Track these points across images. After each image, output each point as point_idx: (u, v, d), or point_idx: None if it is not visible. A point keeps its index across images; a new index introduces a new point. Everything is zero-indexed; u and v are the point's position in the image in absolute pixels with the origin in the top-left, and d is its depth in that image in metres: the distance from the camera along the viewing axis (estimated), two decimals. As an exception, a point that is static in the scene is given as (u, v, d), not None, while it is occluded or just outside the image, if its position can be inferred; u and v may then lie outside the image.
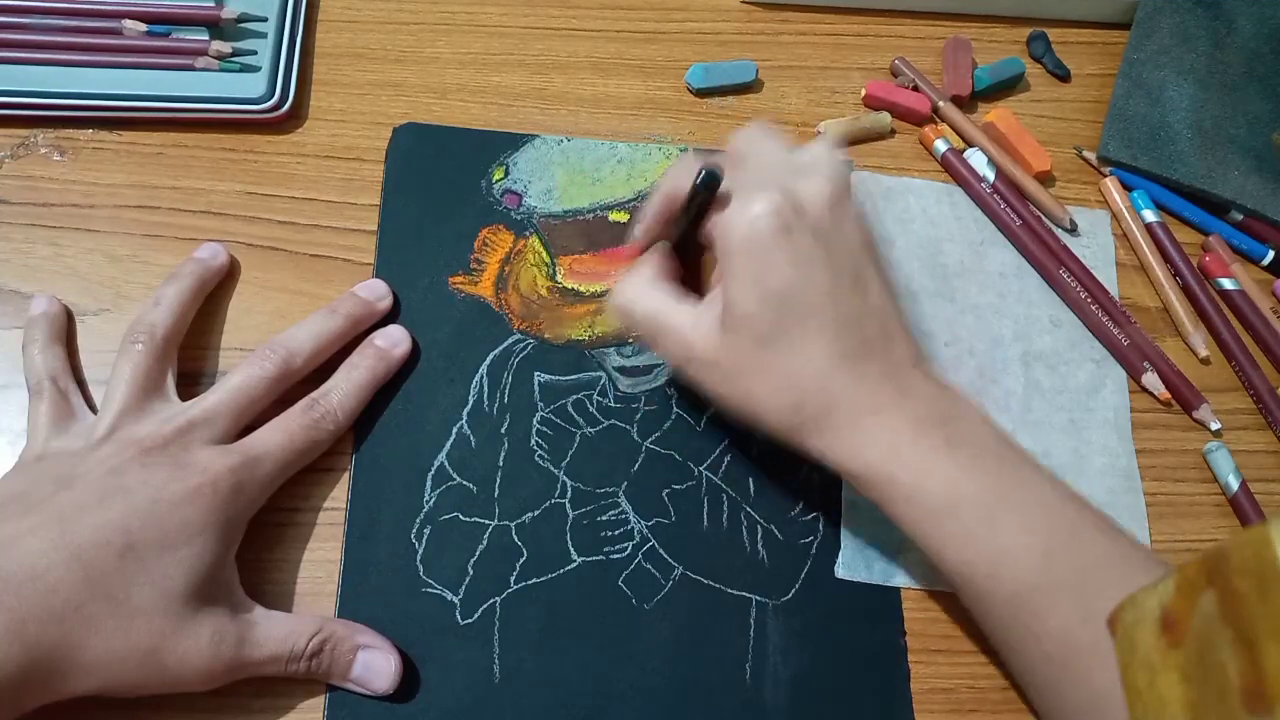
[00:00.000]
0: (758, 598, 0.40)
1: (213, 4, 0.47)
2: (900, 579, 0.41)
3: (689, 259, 0.41)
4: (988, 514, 0.34)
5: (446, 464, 0.41)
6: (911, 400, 0.36)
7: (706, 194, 0.36)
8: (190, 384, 0.41)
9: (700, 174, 0.36)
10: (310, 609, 0.38)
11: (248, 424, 0.38)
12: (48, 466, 0.35)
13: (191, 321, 0.41)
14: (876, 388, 0.35)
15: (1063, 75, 0.55)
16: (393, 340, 0.42)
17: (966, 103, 0.53)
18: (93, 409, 0.39)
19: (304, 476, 0.39)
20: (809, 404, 0.35)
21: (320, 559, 0.39)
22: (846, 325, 0.35)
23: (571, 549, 0.40)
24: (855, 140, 0.51)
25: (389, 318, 0.43)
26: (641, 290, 0.39)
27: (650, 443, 0.42)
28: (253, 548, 0.37)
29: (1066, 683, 0.34)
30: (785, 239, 0.35)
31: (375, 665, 0.36)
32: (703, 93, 0.51)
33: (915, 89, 0.53)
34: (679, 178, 0.38)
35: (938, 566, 0.36)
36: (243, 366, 0.38)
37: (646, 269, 0.40)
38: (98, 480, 0.34)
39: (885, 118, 0.52)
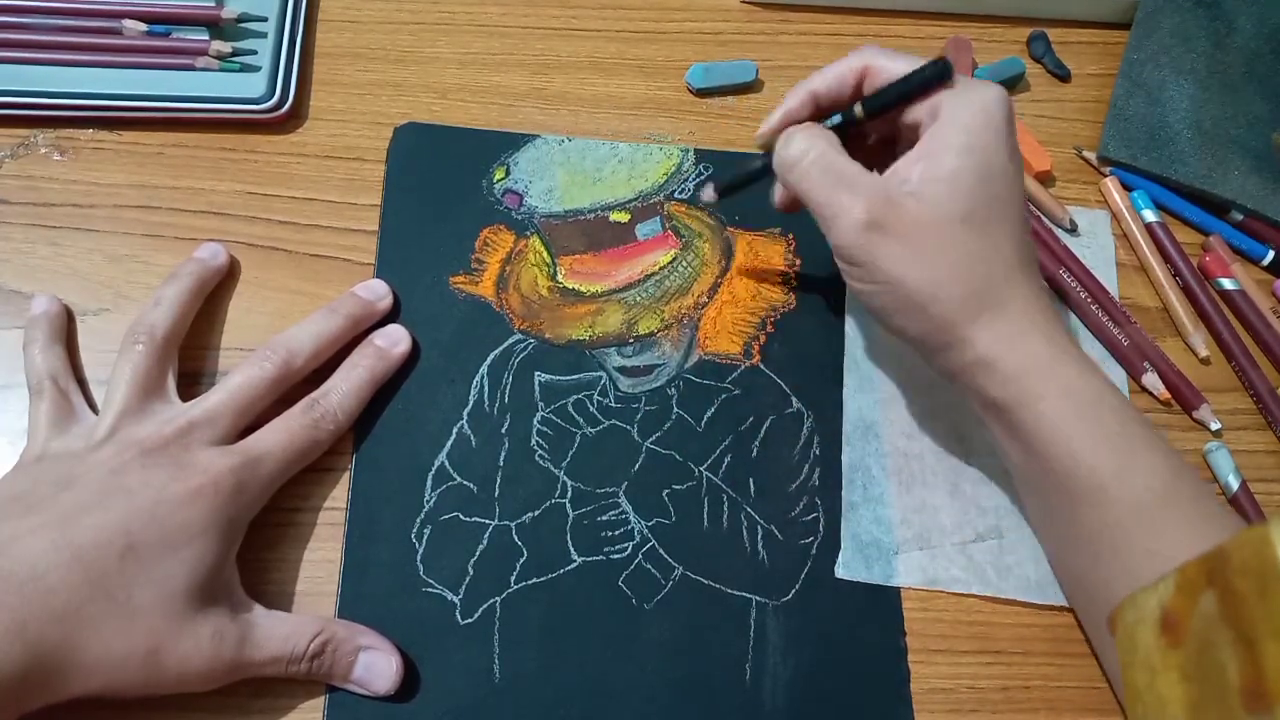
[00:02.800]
0: (758, 598, 0.40)
1: (213, 4, 0.48)
2: (900, 579, 0.41)
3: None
4: (1129, 421, 0.36)
5: (447, 464, 0.41)
6: (1056, 310, 0.38)
7: (930, 84, 0.37)
8: (190, 384, 0.41)
9: (934, 61, 0.37)
10: (310, 609, 0.38)
11: (249, 424, 0.38)
12: (48, 467, 0.35)
13: (191, 322, 0.41)
14: (1041, 292, 0.37)
15: (1063, 75, 0.55)
16: (392, 339, 0.42)
17: (966, 103, 0.53)
18: (93, 409, 0.39)
19: (304, 476, 0.39)
20: (995, 290, 0.36)
21: (320, 558, 0.39)
22: (1027, 228, 0.38)
23: (572, 549, 0.40)
24: (855, 140, 0.51)
25: (389, 317, 0.43)
26: (815, 139, 0.38)
27: (651, 443, 0.42)
28: (253, 547, 0.37)
29: None
30: (1008, 130, 0.37)
31: (376, 666, 0.36)
32: (703, 93, 0.51)
33: (915, 89, 0.53)
34: (852, 64, 0.39)
35: (1062, 473, 0.36)
36: (243, 367, 0.38)
37: (821, 134, 0.38)
38: (99, 481, 0.34)
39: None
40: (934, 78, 0.37)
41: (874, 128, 0.40)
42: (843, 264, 0.38)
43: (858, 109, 0.39)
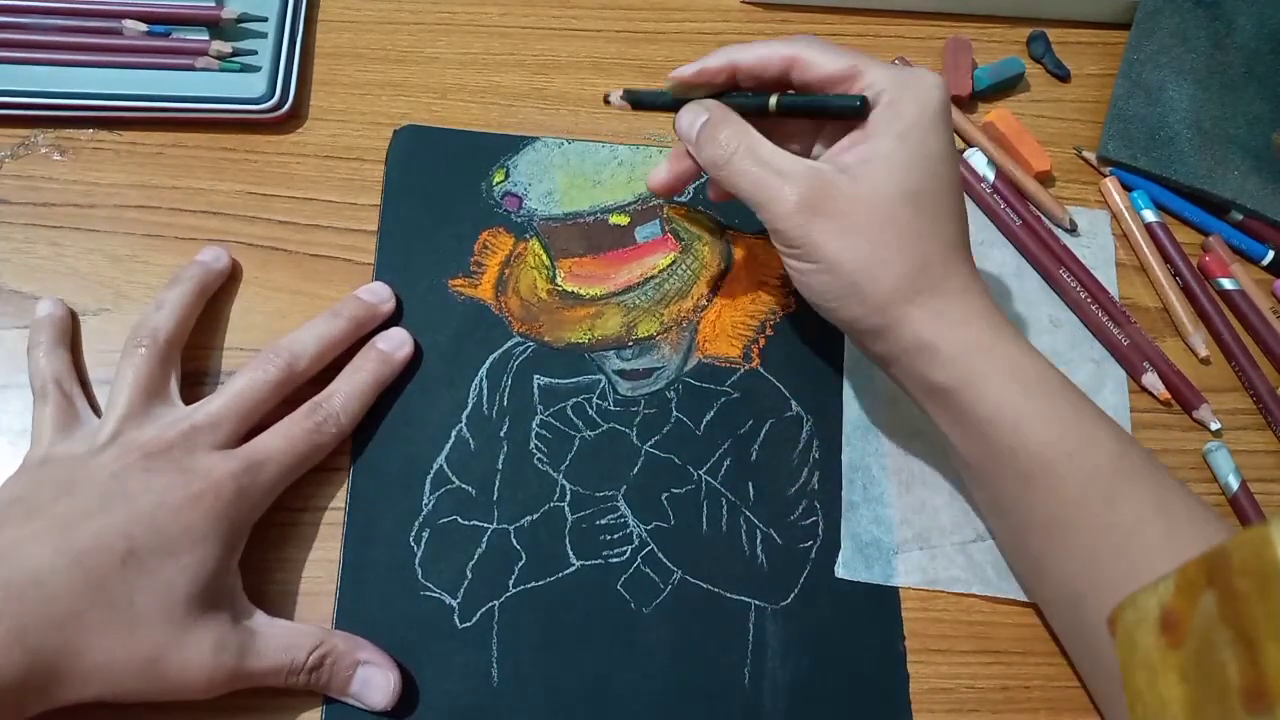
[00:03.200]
0: (757, 602, 0.40)
1: (213, 4, 0.47)
2: (900, 579, 0.41)
3: None
4: (1075, 396, 0.36)
5: (445, 467, 0.41)
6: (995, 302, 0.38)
7: (849, 114, 0.37)
8: (189, 384, 0.41)
9: (859, 100, 0.37)
10: (312, 609, 0.38)
11: (252, 428, 0.38)
12: (51, 471, 0.35)
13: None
14: (978, 277, 0.38)
15: (1063, 75, 0.55)
16: (395, 343, 0.42)
17: (966, 103, 0.53)
18: (96, 411, 0.39)
19: (308, 477, 0.40)
20: (931, 269, 0.36)
21: (322, 559, 0.39)
22: (964, 211, 0.38)
23: (570, 553, 0.40)
24: (855, 140, 0.51)
25: (391, 320, 0.43)
26: (740, 131, 0.38)
27: (650, 446, 0.42)
28: (256, 548, 0.37)
29: (1134, 580, 0.33)
30: (946, 117, 0.37)
31: (374, 681, 0.36)
32: (703, 93, 0.51)
33: (915, 89, 0.53)
34: (785, 51, 0.38)
35: (1011, 451, 0.36)
36: (246, 370, 0.38)
37: (743, 127, 0.38)
38: (100, 485, 0.34)
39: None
40: (850, 113, 0.37)
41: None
42: (781, 248, 0.38)
43: (773, 103, 0.39)
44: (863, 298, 0.36)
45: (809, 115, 0.39)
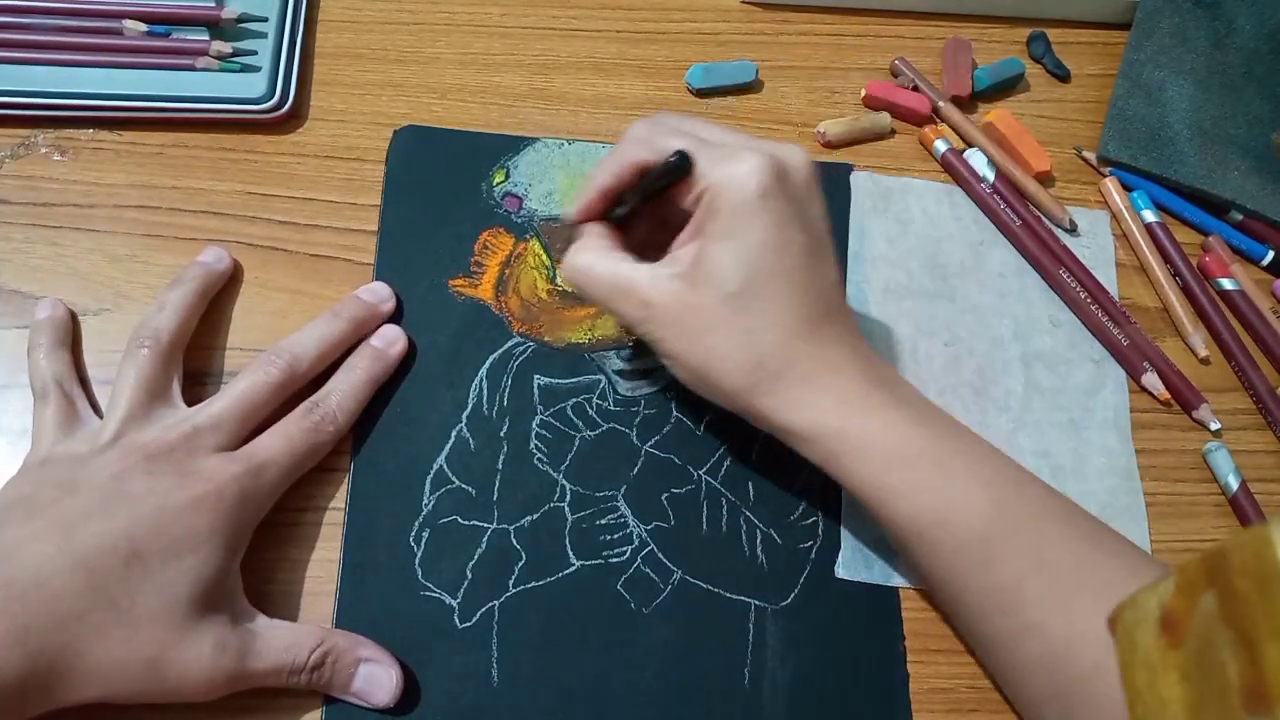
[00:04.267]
0: (757, 602, 0.40)
1: (213, 4, 0.47)
2: (900, 578, 0.41)
3: (630, 237, 0.41)
4: (937, 464, 0.35)
5: (445, 467, 0.41)
6: (861, 362, 0.37)
7: (677, 175, 0.36)
8: (188, 384, 0.41)
9: (675, 155, 0.36)
10: (312, 609, 0.38)
11: (253, 429, 0.38)
12: (52, 471, 0.35)
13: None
14: (833, 349, 0.36)
15: (1063, 75, 0.55)
16: (389, 340, 0.42)
17: (966, 103, 0.53)
18: (97, 412, 0.39)
19: (308, 477, 0.40)
20: (768, 363, 0.36)
21: (322, 559, 0.39)
22: (812, 290, 0.36)
23: (570, 553, 0.40)
24: (855, 140, 0.51)
25: (391, 320, 0.43)
26: (597, 254, 0.38)
27: (650, 446, 0.42)
28: (257, 548, 0.37)
29: (1023, 636, 0.34)
30: (769, 200, 0.35)
31: (376, 679, 0.36)
32: (703, 93, 0.51)
33: (915, 89, 0.53)
34: (623, 161, 0.38)
35: (888, 524, 0.36)
36: (247, 372, 0.38)
37: (596, 238, 0.39)
38: (102, 486, 0.34)
39: (885, 118, 0.52)
40: (678, 170, 0.36)
41: (663, 201, 0.39)
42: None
43: (618, 214, 0.39)
44: (712, 391, 0.37)
45: (656, 198, 0.38)
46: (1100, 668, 0.32)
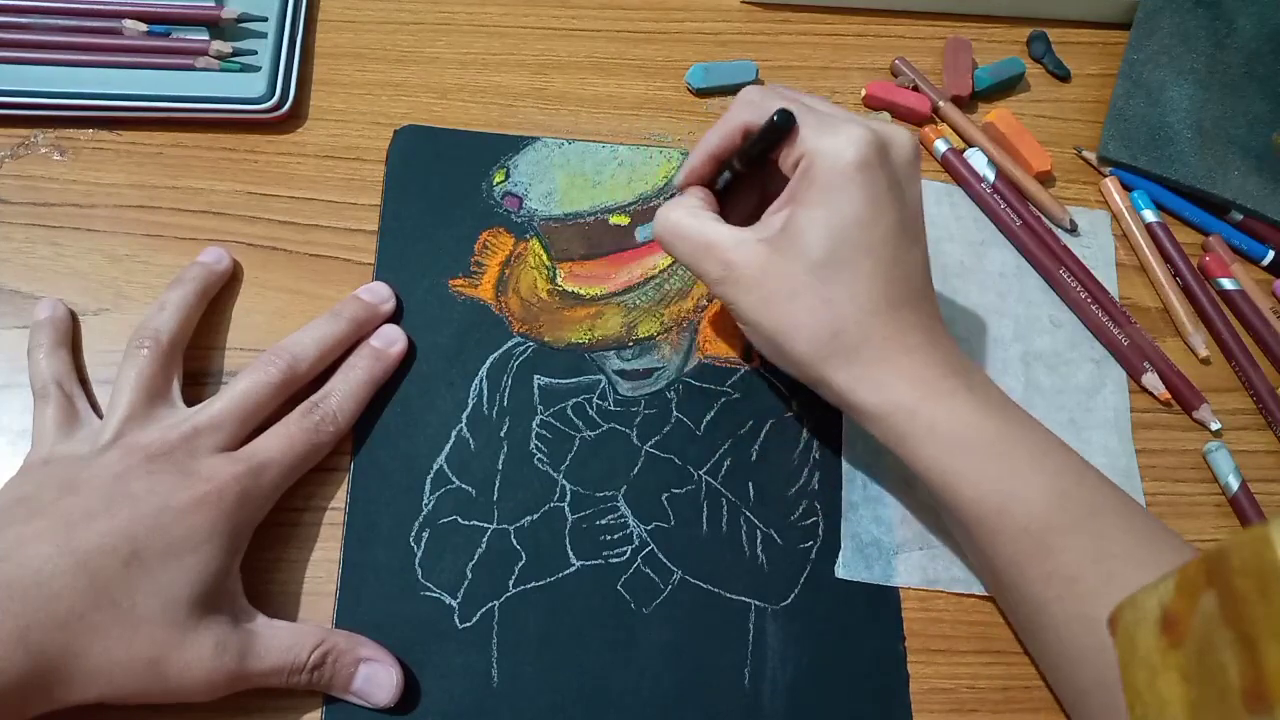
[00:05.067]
0: (757, 602, 0.40)
1: (213, 4, 0.47)
2: (900, 579, 0.41)
3: (727, 206, 0.41)
4: (1005, 451, 0.36)
5: (446, 467, 0.41)
6: (939, 347, 0.37)
7: (776, 137, 0.37)
8: (187, 384, 0.40)
9: (776, 114, 0.36)
10: (312, 609, 0.38)
11: (253, 430, 0.38)
12: (53, 471, 0.35)
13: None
14: (911, 331, 0.37)
15: (1063, 75, 0.55)
16: (388, 339, 0.42)
17: (966, 103, 0.53)
18: (97, 412, 0.39)
19: (307, 477, 0.39)
20: (847, 334, 0.36)
21: (322, 559, 0.39)
22: (896, 269, 0.37)
23: (570, 553, 0.40)
24: (855, 140, 0.51)
25: (391, 320, 0.43)
26: (686, 211, 0.39)
27: (650, 446, 0.42)
28: (256, 549, 0.37)
29: (1076, 625, 0.35)
30: (867, 173, 0.36)
31: (377, 678, 0.36)
32: (703, 93, 0.51)
33: (915, 89, 0.53)
34: (731, 123, 0.39)
35: (950, 506, 0.37)
36: (248, 373, 0.38)
37: (689, 198, 0.40)
38: (103, 486, 0.34)
39: (885, 118, 0.52)
40: (779, 130, 0.36)
41: (768, 174, 0.40)
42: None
43: (735, 162, 0.39)
44: (785, 359, 0.38)
45: (762, 158, 0.38)
46: None
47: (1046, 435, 0.38)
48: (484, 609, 0.39)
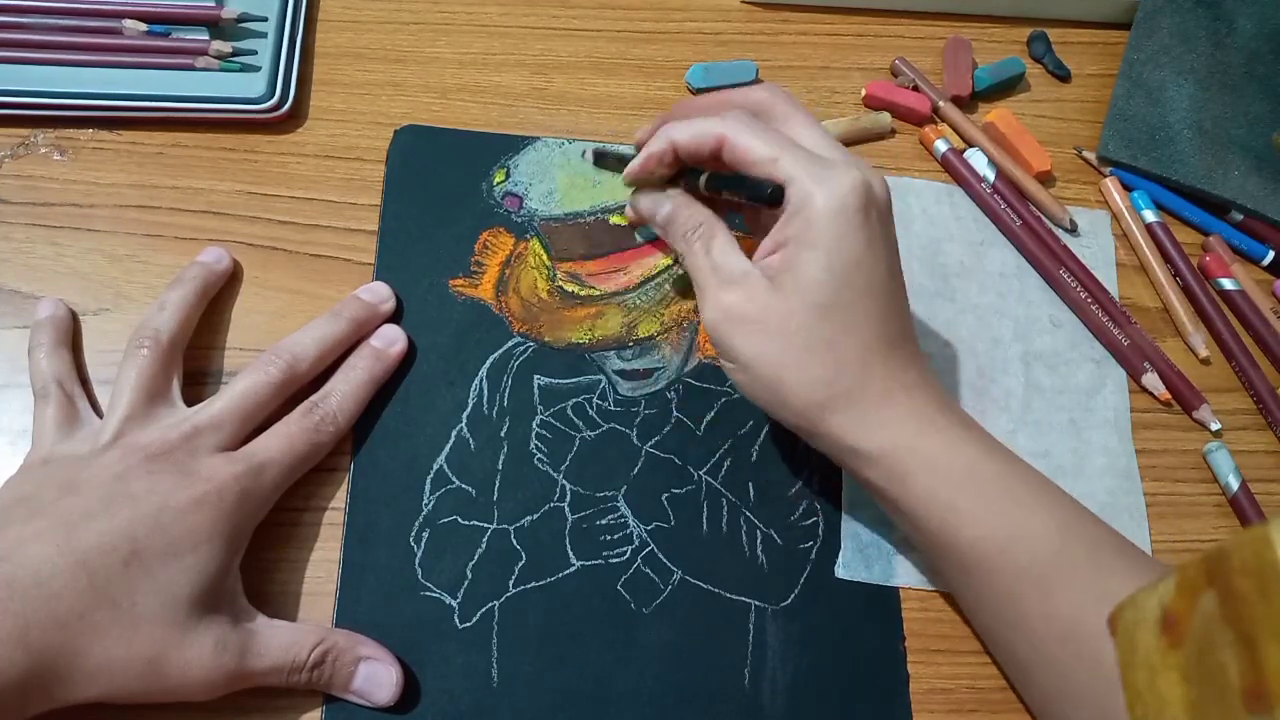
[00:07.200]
0: (757, 602, 0.40)
1: (213, 4, 0.47)
2: (900, 579, 0.41)
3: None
4: (1005, 489, 0.36)
5: (446, 467, 0.41)
6: (931, 385, 0.38)
7: (765, 203, 0.36)
8: (189, 384, 0.41)
9: (769, 188, 0.36)
10: (312, 609, 0.38)
11: (253, 430, 0.38)
12: (53, 471, 0.35)
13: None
14: (907, 369, 0.37)
15: (1063, 75, 0.55)
16: (388, 339, 0.42)
17: (966, 103, 0.53)
18: (97, 412, 0.39)
19: (306, 477, 0.39)
20: (844, 377, 0.36)
21: (322, 559, 0.39)
22: (891, 311, 0.37)
23: (570, 553, 0.40)
24: (855, 140, 0.51)
25: (391, 320, 0.43)
26: (716, 229, 0.39)
27: (650, 446, 0.42)
28: (256, 549, 0.37)
29: (1078, 665, 0.34)
30: (865, 217, 0.36)
31: (377, 677, 0.36)
32: (703, 93, 0.51)
33: (915, 89, 0.53)
34: (715, 130, 0.38)
35: (946, 545, 0.36)
36: (247, 372, 0.38)
37: (710, 217, 0.39)
38: (103, 486, 0.34)
39: (885, 118, 0.52)
40: (764, 200, 0.36)
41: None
42: (713, 340, 0.38)
43: (702, 182, 0.39)
44: (782, 403, 0.37)
45: (734, 194, 0.38)
46: None
47: (1037, 472, 0.37)
48: (484, 609, 0.39)
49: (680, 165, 0.40)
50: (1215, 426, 0.46)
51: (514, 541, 0.40)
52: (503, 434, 0.42)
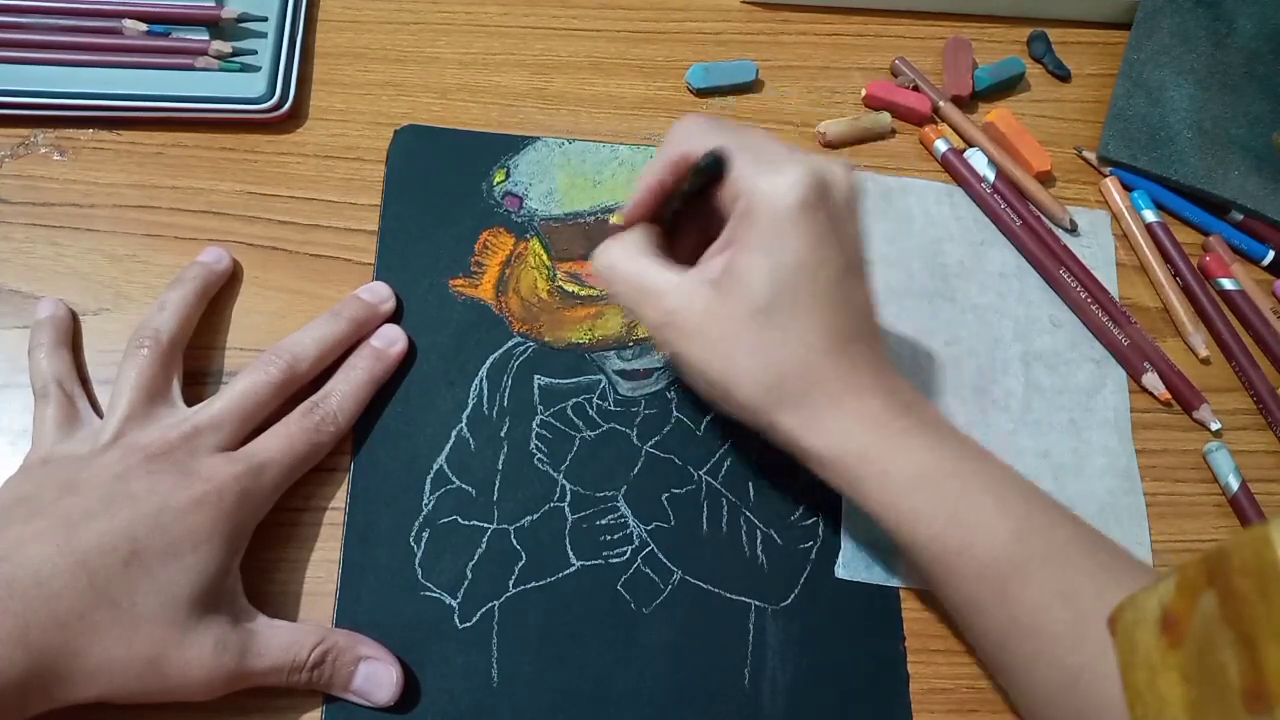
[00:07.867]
0: (757, 602, 0.40)
1: (213, 4, 0.47)
2: (900, 579, 0.41)
3: (674, 241, 0.40)
4: (960, 489, 0.35)
5: (446, 467, 0.41)
6: (888, 386, 0.36)
7: (709, 177, 0.36)
8: (189, 384, 0.40)
9: (706, 157, 0.35)
10: (312, 609, 0.38)
11: (253, 430, 0.38)
12: (53, 471, 0.35)
13: (194, 325, 0.41)
14: (859, 371, 0.36)
15: (1063, 75, 0.55)
16: (389, 339, 0.42)
17: (967, 103, 0.53)
18: (97, 412, 0.39)
19: (306, 477, 0.39)
20: (790, 380, 0.35)
21: (322, 559, 0.39)
22: (842, 311, 0.36)
23: (570, 553, 0.40)
24: (855, 140, 0.51)
25: (391, 320, 0.43)
26: (625, 253, 0.38)
27: (650, 446, 0.42)
28: (256, 549, 0.37)
29: (1041, 661, 0.34)
30: (808, 214, 0.35)
31: (377, 677, 0.36)
32: (703, 93, 0.51)
33: (915, 89, 0.53)
34: (667, 157, 0.37)
35: (906, 547, 0.36)
36: (247, 372, 0.38)
37: (630, 237, 0.39)
38: (103, 486, 0.34)
39: (885, 118, 0.52)
40: (708, 172, 0.35)
41: (709, 208, 0.39)
42: (657, 346, 0.38)
43: (670, 204, 0.39)
44: (732, 405, 0.37)
45: (696, 197, 0.37)
46: (1120, 699, 0.32)
47: (1004, 470, 0.36)
48: (484, 609, 0.39)
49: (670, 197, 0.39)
50: (1215, 426, 0.46)
51: (514, 541, 0.40)
52: (503, 434, 0.42)
